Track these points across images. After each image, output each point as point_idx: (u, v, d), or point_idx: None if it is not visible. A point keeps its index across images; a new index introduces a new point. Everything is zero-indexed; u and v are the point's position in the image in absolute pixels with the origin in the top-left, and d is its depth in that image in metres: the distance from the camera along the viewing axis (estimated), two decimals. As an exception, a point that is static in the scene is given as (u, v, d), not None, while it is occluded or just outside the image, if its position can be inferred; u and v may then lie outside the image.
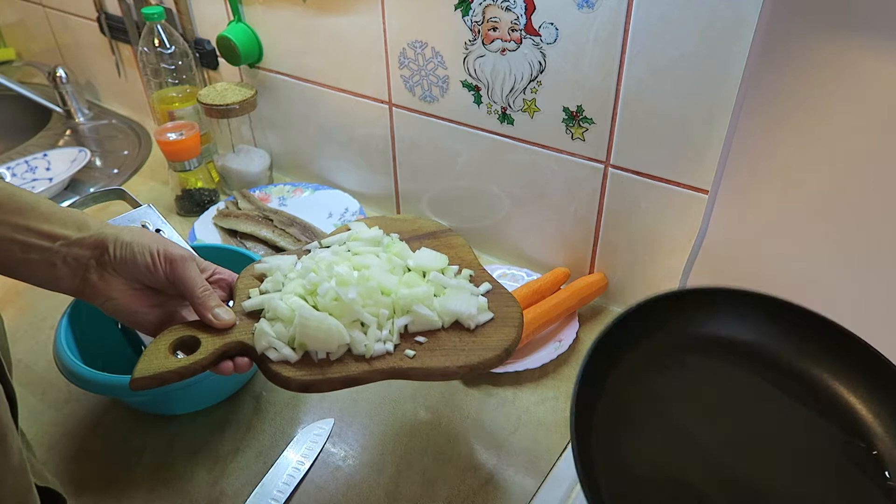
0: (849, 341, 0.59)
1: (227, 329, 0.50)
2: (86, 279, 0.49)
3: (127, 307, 0.50)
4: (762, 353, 0.63)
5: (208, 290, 0.50)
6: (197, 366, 0.48)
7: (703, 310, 0.64)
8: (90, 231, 0.48)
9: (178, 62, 1.09)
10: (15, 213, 0.46)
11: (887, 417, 0.57)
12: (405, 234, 0.64)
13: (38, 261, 0.47)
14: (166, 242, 0.50)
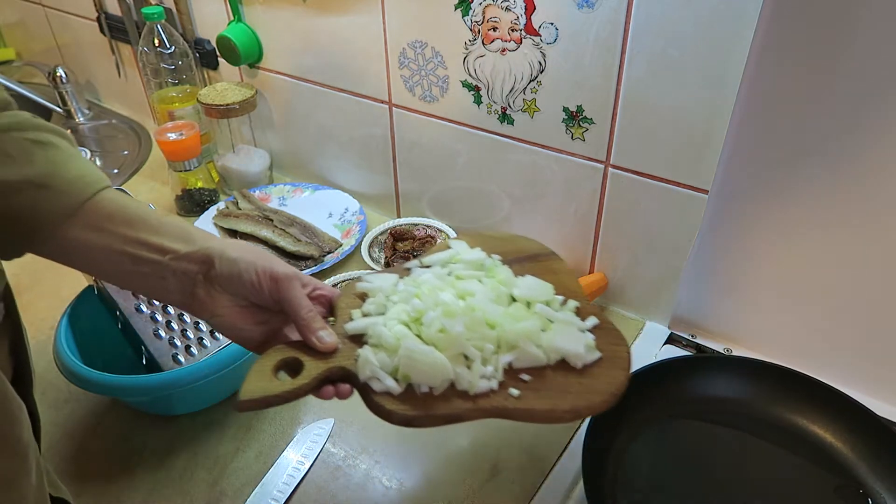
0: (827, 392, 0.64)
1: (330, 353, 0.49)
2: (193, 293, 0.49)
3: (232, 324, 0.50)
4: (749, 409, 0.67)
5: (312, 312, 0.49)
6: (301, 390, 0.47)
7: (687, 374, 0.68)
8: (197, 245, 0.48)
9: (178, 62, 1.09)
10: (126, 224, 0.47)
11: (871, 458, 0.61)
12: (506, 255, 0.60)
13: (148, 273, 0.47)
14: (272, 259, 0.50)
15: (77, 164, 0.46)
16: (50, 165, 0.44)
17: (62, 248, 0.46)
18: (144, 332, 0.68)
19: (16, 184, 0.42)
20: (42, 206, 0.43)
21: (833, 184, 0.64)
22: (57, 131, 0.46)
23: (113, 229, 0.46)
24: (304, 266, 0.92)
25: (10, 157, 0.42)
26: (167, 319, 0.69)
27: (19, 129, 0.44)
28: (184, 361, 0.66)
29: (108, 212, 0.46)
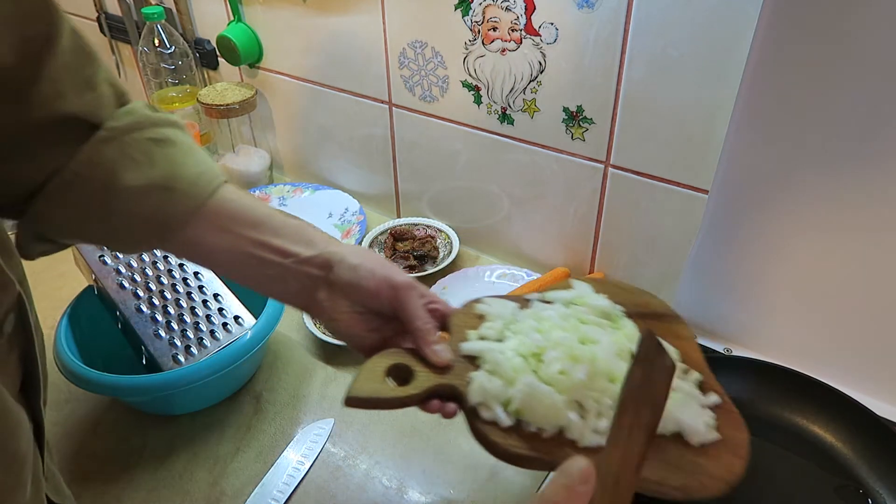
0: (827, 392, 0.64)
1: (443, 368, 0.48)
2: (313, 297, 0.49)
3: (348, 329, 0.51)
4: (749, 409, 0.66)
5: (430, 324, 0.49)
6: (409, 399, 0.47)
7: None
8: (318, 249, 0.49)
9: (178, 62, 1.09)
10: (250, 226, 0.47)
11: (871, 458, 0.61)
12: (630, 307, 0.56)
13: (272, 276, 0.48)
14: (391, 267, 0.50)
15: (194, 158, 0.46)
16: (171, 165, 0.45)
17: (188, 247, 0.47)
18: (144, 332, 0.68)
19: (142, 188, 0.43)
20: (167, 208, 0.44)
21: (833, 183, 0.64)
22: (170, 122, 0.47)
23: (238, 231, 0.47)
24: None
25: (134, 162, 0.43)
26: (167, 320, 0.69)
27: (139, 128, 0.44)
28: (184, 361, 0.66)
29: (231, 212, 0.47)
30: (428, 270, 0.90)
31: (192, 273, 0.73)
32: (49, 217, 0.43)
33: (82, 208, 0.43)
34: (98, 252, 0.71)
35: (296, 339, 0.82)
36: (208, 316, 0.70)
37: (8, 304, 0.32)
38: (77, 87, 0.42)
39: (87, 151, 0.42)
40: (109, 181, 0.42)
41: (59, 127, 0.41)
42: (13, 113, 0.39)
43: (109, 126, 0.43)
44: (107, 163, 0.42)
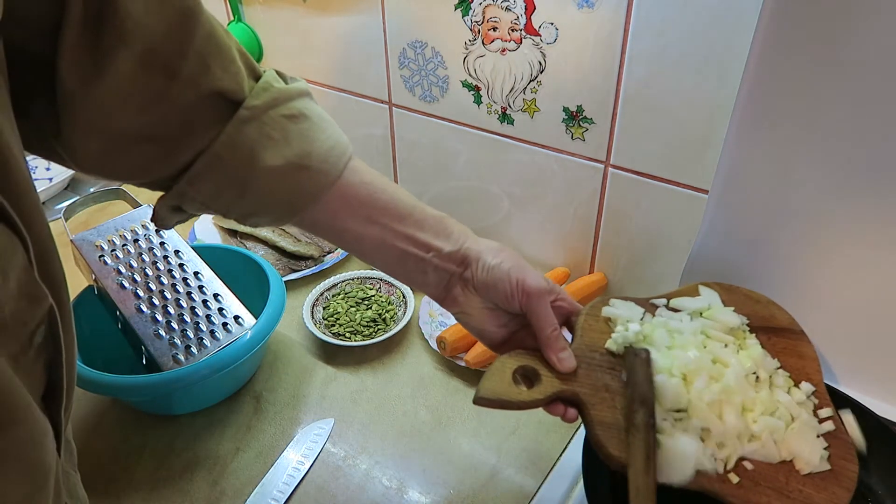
0: None
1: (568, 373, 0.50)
2: (449, 290, 0.51)
3: (479, 324, 0.53)
4: None
5: (558, 331, 0.50)
6: (535, 403, 0.48)
7: None
8: (457, 245, 0.51)
9: (178, 62, 1.09)
10: (397, 219, 0.49)
11: (871, 459, 0.60)
12: (755, 320, 0.57)
13: (412, 268, 0.50)
14: (526, 270, 0.51)
15: (325, 132, 0.48)
16: (305, 142, 0.45)
17: (329, 229, 0.49)
18: (144, 332, 0.68)
19: (279, 168, 0.44)
20: (303, 187, 0.45)
21: (833, 183, 0.64)
22: (302, 92, 0.48)
23: (385, 223, 0.49)
24: (304, 266, 0.92)
25: (272, 141, 0.44)
26: (167, 320, 0.69)
27: (275, 105, 0.44)
28: (184, 361, 0.66)
29: (374, 199, 0.49)
30: (428, 270, 0.90)
31: (193, 273, 0.73)
32: (191, 195, 0.44)
33: (222, 187, 0.44)
34: (98, 252, 0.71)
35: (296, 339, 0.82)
36: (208, 316, 0.70)
37: (40, 317, 0.32)
38: (221, 62, 0.42)
39: (230, 132, 0.43)
40: (249, 162, 0.43)
41: (206, 105, 0.42)
42: (165, 90, 0.40)
43: (250, 105, 0.43)
44: (247, 143, 0.43)
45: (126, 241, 0.73)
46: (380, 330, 0.81)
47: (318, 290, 0.86)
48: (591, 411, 0.48)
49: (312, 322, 0.81)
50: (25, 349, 0.31)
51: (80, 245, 0.72)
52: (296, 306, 0.85)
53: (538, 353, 0.50)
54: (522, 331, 0.53)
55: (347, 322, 0.82)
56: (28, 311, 0.31)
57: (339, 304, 0.85)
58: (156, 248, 0.74)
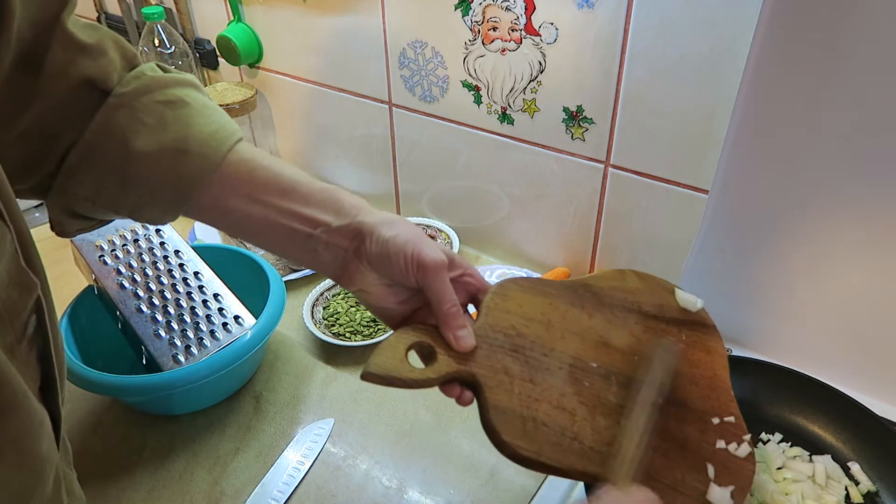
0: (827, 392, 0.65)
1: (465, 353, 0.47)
2: (344, 266, 0.48)
3: (377, 301, 0.50)
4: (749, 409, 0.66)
5: (455, 307, 0.47)
6: (428, 382, 0.45)
7: None
8: (348, 218, 0.47)
9: (178, 62, 1.09)
10: (279, 194, 0.47)
11: (871, 458, 0.61)
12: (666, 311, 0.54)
13: (302, 246, 0.48)
14: (422, 243, 0.47)
15: (208, 117, 0.46)
16: (183, 127, 0.44)
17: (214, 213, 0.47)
18: (144, 332, 0.68)
19: (155, 153, 0.43)
20: (182, 170, 0.44)
21: (834, 183, 0.64)
22: (183, 81, 0.46)
23: (267, 200, 0.46)
24: (304, 266, 0.92)
25: (146, 126, 0.43)
26: (167, 320, 0.69)
27: (148, 91, 0.44)
28: (184, 361, 0.66)
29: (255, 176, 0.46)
30: (428, 270, 0.90)
31: (193, 273, 0.73)
32: (72, 190, 0.44)
33: (101, 177, 0.43)
34: (98, 252, 0.71)
35: (296, 339, 0.82)
36: (208, 316, 0.70)
37: (31, 306, 0.32)
38: (87, 52, 0.42)
39: (99, 120, 0.42)
40: (123, 148, 0.42)
41: (74, 95, 0.42)
42: (31, 86, 0.40)
43: (118, 92, 0.43)
44: (119, 129, 0.43)
45: (126, 241, 0.73)
46: (380, 330, 0.81)
47: (318, 290, 0.86)
48: (486, 394, 0.45)
49: (312, 322, 0.81)
50: (20, 339, 0.31)
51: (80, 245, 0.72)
52: (296, 306, 0.85)
53: (437, 328, 0.47)
54: (425, 308, 0.50)
55: (347, 322, 0.82)
56: (20, 300, 0.31)
57: (339, 304, 0.85)
58: (156, 248, 0.74)
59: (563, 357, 0.49)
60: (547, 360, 0.48)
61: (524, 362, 0.48)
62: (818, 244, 0.67)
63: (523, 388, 0.46)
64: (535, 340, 0.49)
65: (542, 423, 0.45)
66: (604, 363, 0.50)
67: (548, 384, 0.47)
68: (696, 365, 0.52)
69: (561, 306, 0.51)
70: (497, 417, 0.45)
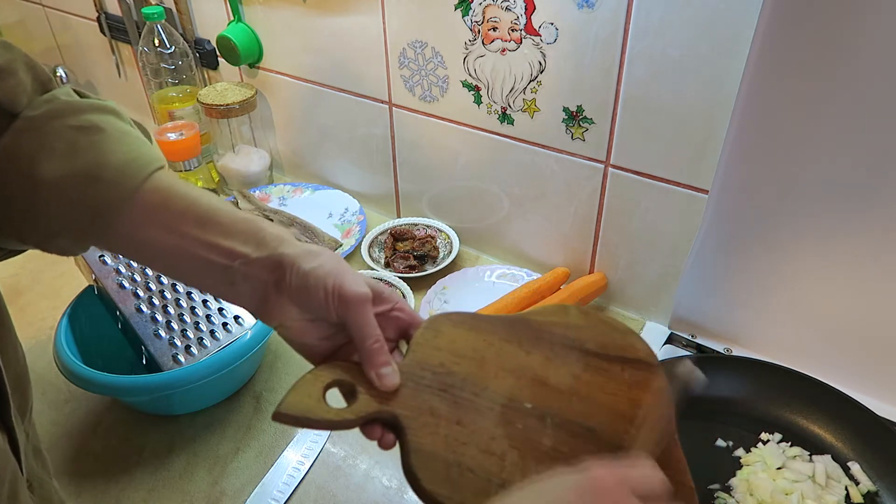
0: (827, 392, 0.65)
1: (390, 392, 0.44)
2: (264, 300, 0.46)
3: (298, 337, 0.47)
4: (749, 409, 0.68)
5: (378, 343, 0.45)
6: (346, 423, 0.43)
7: None
8: (268, 249, 0.45)
9: (178, 62, 1.09)
10: (197, 225, 0.44)
11: (871, 458, 0.62)
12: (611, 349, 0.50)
13: (219, 278, 0.45)
14: (345, 276, 0.45)
15: (125, 145, 0.43)
16: (97, 154, 0.42)
17: (128, 244, 0.44)
18: (144, 332, 0.68)
19: (62, 179, 0.40)
20: (93, 199, 0.41)
21: (834, 183, 0.64)
22: (99, 107, 0.44)
23: (184, 230, 0.44)
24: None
25: (54, 151, 0.41)
26: (167, 319, 0.69)
27: (59, 116, 0.42)
28: (184, 361, 0.66)
29: (172, 205, 0.44)
30: (428, 270, 0.90)
31: (192, 273, 0.73)
32: None
33: (7, 205, 0.41)
34: (98, 252, 0.71)
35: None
36: (208, 316, 0.70)
37: None
38: None
39: (5, 143, 0.40)
40: (29, 174, 0.40)
41: None
42: None
43: (26, 115, 0.41)
44: (25, 154, 0.40)
45: (126, 241, 0.73)
46: (380, 330, 0.81)
47: (318, 290, 0.86)
48: (408, 436, 0.42)
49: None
50: None
51: (80, 245, 0.72)
52: (296, 306, 0.85)
53: (359, 366, 0.45)
54: (349, 345, 0.47)
55: (347, 322, 0.82)
56: None
57: (339, 304, 0.85)
58: (156, 248, 0.74)
59: (495, 397, 0.45)
60: (477, 401, 0.45)
61: (452, 402, 0.44)
62: (818, 244, 0.67)
63: (450, 431, 0.43)
64: (465, 379, 0.46)
65: (467, 469, 0.42)
66: (539, 404, 0.46)
67: (477, 426, 0.43)
68: (640, 405, 0.48)
69: (496, 342, 0.48)
70: (419, 462, 0.42)
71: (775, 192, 0.67)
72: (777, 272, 0.72)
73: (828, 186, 0.64)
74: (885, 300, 0.66)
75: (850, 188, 0.63)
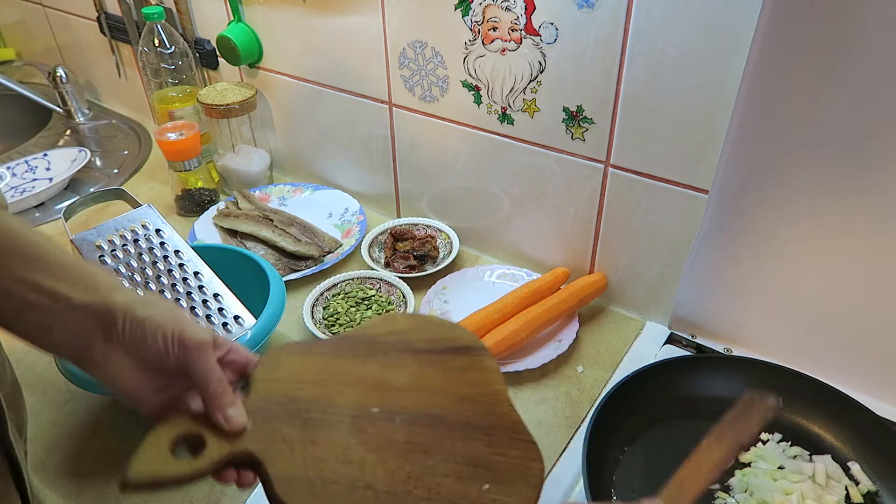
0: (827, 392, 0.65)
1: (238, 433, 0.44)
2: (87, 350, 0.43)
3: (130, 388, 0.44)
4: None
5: (222, 385, 0.44)
6: (198, 474, 0.42)
7: (687, 374, 0.69)
8: (97, 295, 0.43)
9: (178, 62, 1.09)
10: (18, 260, 0.42)
11: (871, 458, 0.62)
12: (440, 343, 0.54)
13: (33, 321, 0.42)
14: (183, 322, 0.44)
15: None
16: None
17: None
18: (144, 332, 0.68)
19: None
20: None
21: (834, 183, 0.64)
22: None
23: (6, 264, 0.41)
24: (305, 266, 0.92)
25: None
26: (167, 319, 0.69)
27: None
28: (184, 361, 0.66)
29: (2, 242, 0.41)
30: (428, 270, 0.90)
31: (192, 273, 0.73)
32: None
33: None
34: (98, 252, 0.71)
35: (296, 340, 0.82)
36: (208, 316, 0.69)
37: None
38: None
39: None
40: None
41: None
42: None
43: None
44: None
45: (126, 241, 0.73)
46: (380, 330, 0.81)
47: (318, 290, 0.86)
48: (267, 468, 0.43)
49: (312, 322, 0.81)
50: None
51: (80, 245, 0.72)
52: (296, 306, 0.85)
53: (203, 414, 0.44)
54: (187, 395, 0.46)
55: (347, 322, 0.82)
56: None
57: (339, 304, 0.85)
58: (156, 248, 0.74)
59: (343, 410, 0.48)
60: (327, 418, 0.47)
61: (303, 425, 0.46)
62: (818, 244, 0.68)
63: (306, 452, 0.44)
64: (311, 401, 0.47)
65: (330, 482, 0.43)
66: (386, 405, 0.49)
67: (331, 441, 0.45)
68: (475, 385, 0.52)
69: (333, 362, 0.51)
70: (283, 488, 0.42)
71: (775, 192, 0.67)
72: (777, 272, 0.72)
73: (828, 186, 0.64)
74: (886, 300, 0.66)
75: (850, 188, 0.63)
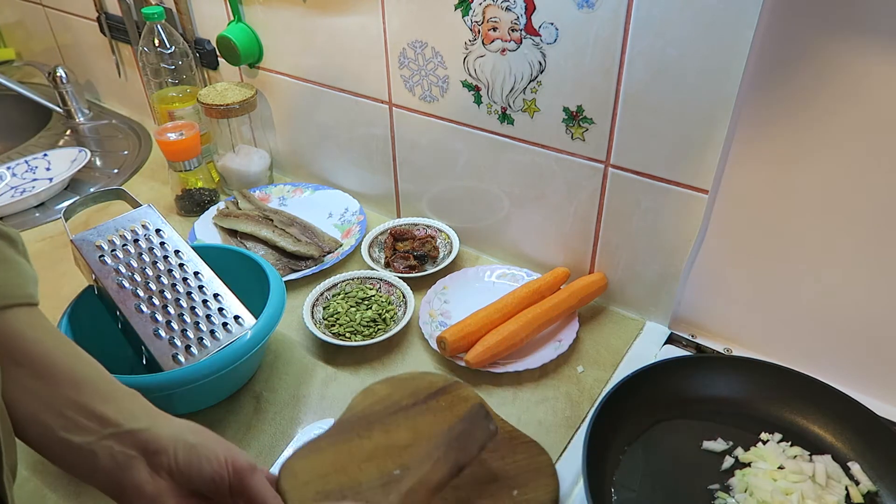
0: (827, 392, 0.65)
1: None
2: (130, 476, 0.43)
3: None
4: (749, 409, 0.68)
5: (279, 500, 0.47)
6: None
7: (687, 374, 0.69)
8: (145, 422, 0.44)
9: (178, 62, 1.09)
10: (70, 385, 0.42)
11: (870, 458, 0.62)
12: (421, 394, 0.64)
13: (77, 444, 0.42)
14: (232, 447, 0.46)
15: None
16: None
17: None
18: (144, 332, 0.68)
19: None
20: None
21: (834, 184, 0.64)
22: None
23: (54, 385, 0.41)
24: (305, 266, 0.92)
25: None
26: (167, 319, 0.69)
27: None
28: (184, 361, 0.66)
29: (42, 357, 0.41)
30: (428, 270, 0.90)
31: (192, 273, 0.73)
32: None
33: None
34: (98, 252, 0.71)
35: (296, 339, 0.82)
36: (208, 316, 0.70)
37: None
38: None
39: None
40: None
41: None
42: None
43: None
44: None
45: (126, 241, 0.73)
46: (380, 330, 0.81)
47: (318, 290, 0.86)
48: None
49: (312, 322, 0.81)
50: None
51: (80, 245, 0.72)
52: (296, 306, 0.85)
53: None
54: None
55: (347, 322, 0.82)
56: None
57: (339, 304, 0.85)
58: (156, 248, 0.74)
59: (372, 483, 0.54)
60: (362, 495, 0.53)
61: None
62: (818, 244, 0.68)
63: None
64: (342, 488, 0.54)
65: None
66: (403, 463, 0.56)
67: None
68: (460, 414, 0.60)
69: (342, 447, 0.58)
70: None
71: (775, 192, 0.67)
72: (777, 272, 0.72)
73: (828, 186, 0.64)
74: (886, 300, 0.66)
75: (850, 188, 0.63)
